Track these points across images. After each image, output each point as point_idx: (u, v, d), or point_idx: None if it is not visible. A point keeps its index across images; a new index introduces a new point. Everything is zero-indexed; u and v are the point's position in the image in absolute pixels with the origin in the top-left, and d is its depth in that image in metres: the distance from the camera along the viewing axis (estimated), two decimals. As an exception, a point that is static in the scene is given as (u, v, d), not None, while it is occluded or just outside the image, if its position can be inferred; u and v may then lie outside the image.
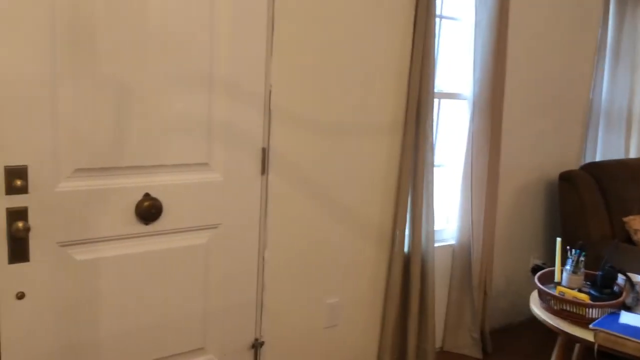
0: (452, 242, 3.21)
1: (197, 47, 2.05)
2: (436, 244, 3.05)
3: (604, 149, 3.91)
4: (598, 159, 3.89)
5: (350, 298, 2.78)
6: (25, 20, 1.70)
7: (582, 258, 2.50)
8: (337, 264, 2.69)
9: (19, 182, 1.75)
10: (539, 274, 2.61)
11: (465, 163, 3.10)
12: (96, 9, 1.82)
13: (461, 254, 3.18)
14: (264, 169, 2.33)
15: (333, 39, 2.45)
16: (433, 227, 2.89)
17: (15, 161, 1.75)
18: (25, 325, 1.86)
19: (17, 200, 1.77)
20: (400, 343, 2.96)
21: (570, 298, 2.34)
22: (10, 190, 1.75)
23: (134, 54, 1.92)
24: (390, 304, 2.84)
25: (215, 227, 2.24)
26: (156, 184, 2.05)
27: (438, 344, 3.23)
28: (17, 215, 1.77)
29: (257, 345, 2.46)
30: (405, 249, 2.86)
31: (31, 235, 1.82)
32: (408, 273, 2.87)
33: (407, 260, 2.87)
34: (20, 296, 1.83)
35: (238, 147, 2.23)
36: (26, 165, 1.77)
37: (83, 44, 1.82)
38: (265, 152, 2.32)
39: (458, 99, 3.17)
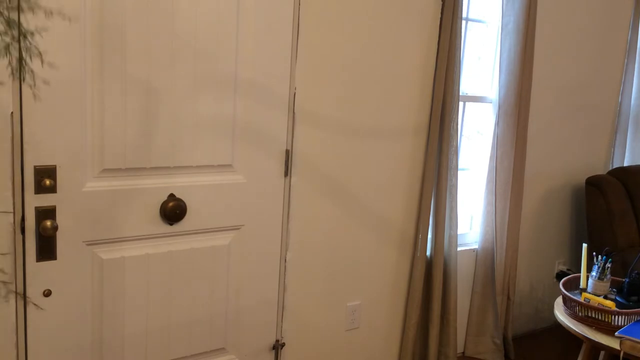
0: (476, 246, 3.18)
1: (223, 50, 2.07)
2: (459, 248, 3.03)
3: (633, 154, 3.84)
4: (626, 164, 3.82)
5: (372, 301, 2.77)
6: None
7: (608, 264, 2.46)
8: (359, 267, 2.69)
9: (48, 182, 1.79)
10: (564, 280, 2.57)
11: (490, 167, 3.08)
12: (125, 14, 1.85)
13: (484, 259, 3.15)
14: (287, 171, 2.35)
15: (358, 41, 2.45)
16: (456, 231, 2.88)
17: (45, 161, 1.79)
18: (52, 322, 1.90)
19: (46, 200, 1.81)
20: (422, 347, 2.94)
21: (595, 305, 2.31)
22: (40, 189, 1.79)
23: (162, 57, 1.95)
24: (411, 308, 2.83)
25: (238, 228, 2.26)
26: (181, 184, 2.08)
27: (460, 349, 3.21)
28: (45, 214, 1.81)
29: (277, 347, 2.48)
30: (428, 252, 2.85)
31: (59, 233, 1.85)
32: (430, 277, 2.86)
33: (429, 264, 2.86)
34: (47, 293, 1.87)
35: (262, 149, 2.25)
36: (55, 165, 1.81)
37: (113, 47, 1.85)
38: (288, 154, 2.33)
39: (483, 102, 3.15)
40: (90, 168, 1.88)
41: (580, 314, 2.36)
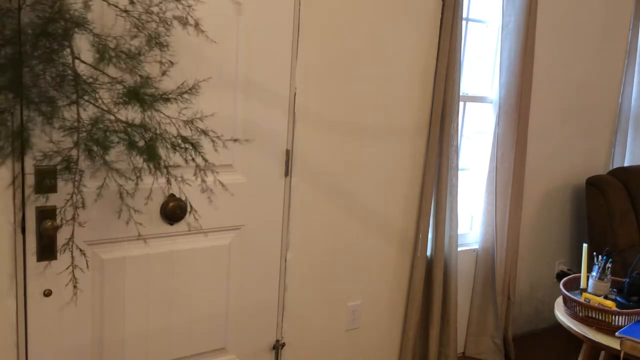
0: (476, 246, 3.18)
1: (223, 49, 2.07)
2: (459, 248, 3.03)
3: (633, 154, 3.84)
4: (626, 164, 3.82)
5: (372, 301, 2.77)
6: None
7: (608, 265, 2.46)
8: (360, 267, 2.69)
9: (48, 182, 1.79)
10: (564, 280, 2.57)
11: (490, 167, 3.08)
12: (125, 12, 1.85)
13: (485, 259, 3.15)
14: (287, 171, 2.34)
15: (358, 41, 2.45)
16: (456, 231, 2.88)
17: (45, 161, 1.79)
18: (52, 322, 1.90)
19: (46, 200, 1.81)
20: (422, 347, 2.94)
21: (596, 305, 2.31)
22: (40, 189, 1.79)
23: (163, 57, 1.95)
24: (412, 308, 2.83)
25: (238, 229, 2.26)
26: (181, 184, 2.07)
27: (460, 349, 3.21)
28: (46, 214, 1.81)
29: (278, 347, 2.47)
30: (428, 252, 2.85)
31: (59, 233, 1.85)
32: (430, 277, 2.86)
33: (429, 264, 2.86)
34: (48, 293, 1.87)
35: (262, 149, 2.25)
36: (55, 165, 1.80)
37: (111, 47, 1.85)
38: (289, 154, 2.33)
39: (484, 102, 3.15)
40: (90, 168, 1.88)
41: (580, 314, 2.35)
